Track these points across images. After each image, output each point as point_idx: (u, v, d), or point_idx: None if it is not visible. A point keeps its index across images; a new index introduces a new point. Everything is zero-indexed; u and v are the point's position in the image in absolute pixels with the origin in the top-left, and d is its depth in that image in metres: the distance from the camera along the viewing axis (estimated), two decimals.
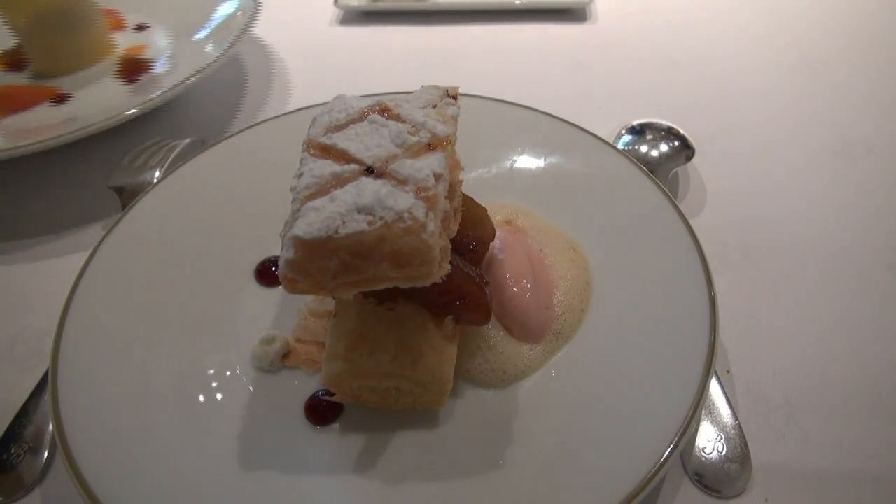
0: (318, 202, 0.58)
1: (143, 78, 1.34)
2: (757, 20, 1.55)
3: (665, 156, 1.05)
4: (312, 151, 0.65)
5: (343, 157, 0.63)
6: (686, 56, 1.43)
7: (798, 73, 1.36)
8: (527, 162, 1.01)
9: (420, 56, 1.47)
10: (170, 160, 1.11)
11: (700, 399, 0.67)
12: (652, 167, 1.00)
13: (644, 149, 1.07)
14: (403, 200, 0.58)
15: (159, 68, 1.36)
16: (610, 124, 1.14)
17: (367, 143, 0.65)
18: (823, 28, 1.50)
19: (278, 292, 0.88)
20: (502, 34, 1.53)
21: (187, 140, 1.16)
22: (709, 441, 0.73)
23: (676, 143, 1.07)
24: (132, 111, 1.12)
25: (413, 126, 0.66)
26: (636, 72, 1.40)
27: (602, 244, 0.88)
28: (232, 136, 1.05)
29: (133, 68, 1.35)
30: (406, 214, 0.57)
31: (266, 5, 1.43)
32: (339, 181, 0.61)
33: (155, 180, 1.06)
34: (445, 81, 0.76)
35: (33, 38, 1.35)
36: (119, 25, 1.50)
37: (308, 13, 1.55)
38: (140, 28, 1.50)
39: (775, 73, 1.37)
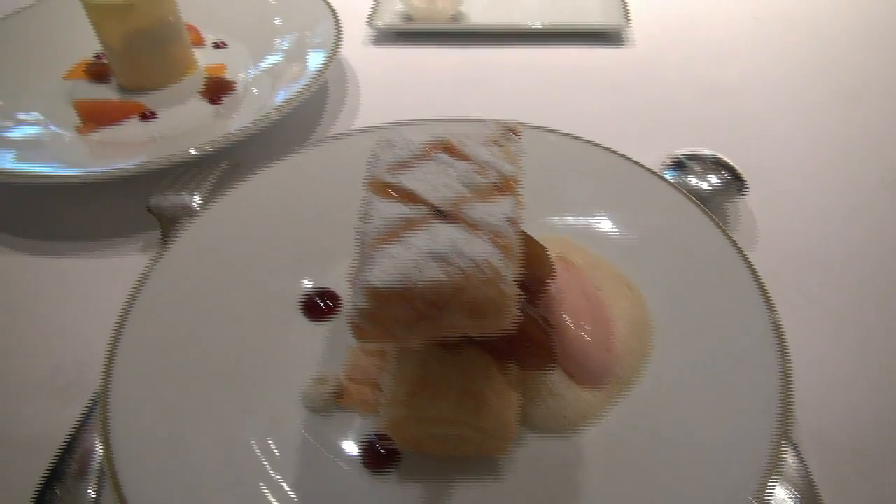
0: (390, 248, 0.56)
1: (227, 99, 1.34)
2: (799, 46, 1.53)
3: (717, 189, 1.02)
4: (378, 191, 0.63)
5: (411, 198, 0.61)
6: (727, 82, 1.41)
7: (843, 100, 1.34)
8: (576, 195, 0.98)
9: (453, 77, 1.45)
10: (208, 185, 1.10)
11: (776, 454, 0.64)
12: (703, 200, 0.97)
13: (693, 181, 1.04)
14: (479, 247, 0.56)
15: (241, 89, 1.36)
16: (651, 153, 1.11)
17: (434, 183, 0.63)
18: (867, 53, 1.48)
19: (325, 327, 0.86)
20: (536, 57, 1.51)
21: (224, 164, 1.15)
22: (777, 490, 0.70)
23: (727, 176, 1.04)
24: (222, 139, 1.11)
25: (479, 166, 0.65)
26: (675, 98, 1.37)
27: (658, 282, 0.85)
28: (273, 163, 1.02)
29: (217, 89, 1.35)
30: (483, 262, 0.55)
31: None
32: (410, 225, 0.59)
33: (195, 205, 1.04)
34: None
35: (123, 55, 1.35)
36: (199, 41, 1.50)
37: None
38: (218, 46, 1.50)
39: (819, 100, 1.34)
